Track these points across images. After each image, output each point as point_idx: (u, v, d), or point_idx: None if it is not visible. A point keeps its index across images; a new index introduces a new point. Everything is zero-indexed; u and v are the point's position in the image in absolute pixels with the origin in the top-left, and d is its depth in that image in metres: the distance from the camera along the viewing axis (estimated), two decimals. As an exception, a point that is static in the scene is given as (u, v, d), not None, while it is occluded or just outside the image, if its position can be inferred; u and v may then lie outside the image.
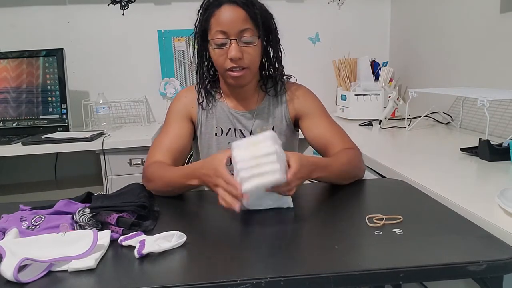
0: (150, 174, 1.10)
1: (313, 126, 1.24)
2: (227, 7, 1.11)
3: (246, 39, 1.12)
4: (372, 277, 0.67)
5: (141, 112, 2.39)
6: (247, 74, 1.16)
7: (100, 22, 2.37)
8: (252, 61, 1.14)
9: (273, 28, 1.20)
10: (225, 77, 1.19)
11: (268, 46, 1.22)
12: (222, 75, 1.19)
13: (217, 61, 1.15)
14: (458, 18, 1.88)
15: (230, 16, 1.10)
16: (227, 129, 1.26)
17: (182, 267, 0.72)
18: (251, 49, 1.13)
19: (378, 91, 2.16)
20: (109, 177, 1.92)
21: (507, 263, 0.67)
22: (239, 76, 1.14)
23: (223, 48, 1.12)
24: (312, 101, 1.28)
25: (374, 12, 2.56)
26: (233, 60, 1.11)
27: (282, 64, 1.24)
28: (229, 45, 1.11)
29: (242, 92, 1.24)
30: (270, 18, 1.19)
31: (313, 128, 1.24)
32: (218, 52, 1.13)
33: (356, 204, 1.00)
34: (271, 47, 1.22)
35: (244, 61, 1.13)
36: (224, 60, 1.13)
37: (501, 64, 1.62)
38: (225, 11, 1.10)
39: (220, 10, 1.11)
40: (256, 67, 1.19)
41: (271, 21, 1.19)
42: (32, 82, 2.11)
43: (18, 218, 0.85)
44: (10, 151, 1.83)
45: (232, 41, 1.10)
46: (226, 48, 1.12)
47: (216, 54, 1.14)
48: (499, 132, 1.62)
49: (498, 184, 1.03)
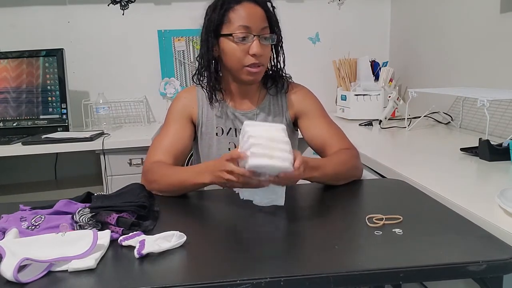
0: (152, 174, 1.10)
1: (312, 126, 1.25)
2: (249, 3, 1.12)
3: (267, 37, 1.14)
4: (372, 277, 0.67)
5: (141, 112, 2.39)
6: (262, 71, 1.18)
7: (100, 22, 2.37)
8: (267, 59, 1.18)
9: (280, 29, 1.21)
10: (240, 74, 1.17)
11: (277, 46, 1.23)
12: (237, 71, 1.16)
13: (234, 56, 1.14)
14: (458, 18, 1.88)
15: (254, 11, 1.12)
16: (227, 129, 1.26)
17: (182, 267, 0.72)
18: (267, 48, 1.16)
19: (378, 91, 2.16)
20: (109, 177, 1.92)
21: (507, 263, 0.67)
22: (256, 73, 1.16)
23: (245, 44, 1.12)
24: (311, 101, 1.28)
25: (374, 12, 2.56)
26: (255, 56, 1.12)
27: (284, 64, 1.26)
28: (251, 40, 1.12)
29: (247, 90, 1.24)
30: (278, 21, 1.20)
31: (312, 128, 1.24)
32: (239, 47, 1.12)
33: (356, 204, 1.00)
34: (277, 47, 1.23)
35: (263, 58, 1.14)
36: (244, 55, 1.13)
37: (501, 64, 1.62)
38: (248, 7, 1.12)
39: (241, 5, 1.12)
40: (267, 65, 1.21)
41: (278, 24, 1.21)
42: (32, 82, 2.11)
43: (18, 218, 0.85)
44: (10, 151, 1.83)
45: (255, 37, 1.12)
46: (247, 43, 1.12)
47: (235, 49, 1.13)
48: (499, 132, 1.62)
49: (498, 184, 1.03)
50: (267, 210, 0.95)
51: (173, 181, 1.06)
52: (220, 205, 1.05)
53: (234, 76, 1.20)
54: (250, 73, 1.15)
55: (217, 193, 1.13)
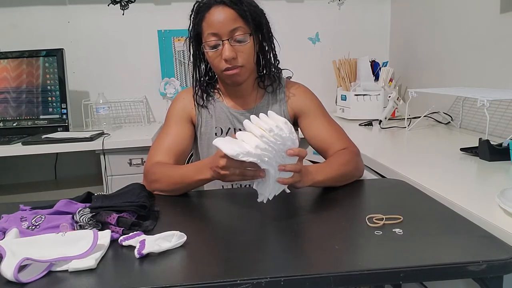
0: (154, 174, 1.10)
1: (312, 125, 1.24)
2: (216, 8, 1.11)
3: (238, 38, 1.12)
4: (372, 277, 0.67)
5: (141, 112, 2.39)
6: (243, 72, 1.16)
7: (100, 22, 2.37)
8: (246, 59, 1.15)
9: (265, 23, 1.19)
10: (222, 78, 1.20)
11: (263, 42, 1.21)
12: (220, 76, 1.21)
13: (212, 63, 1.17)
14: (458, 18, 1.88)
15: (219, 17, 1.11)
16: (226, 128, 1.26)
17: (182, 267, 0.72)
18: (244, 47, 1.14)
19: (378, 91, 2.16)
20: (109, 177, 1.93)
21: (507, 263, 0.67)
22: (234, 74, 1.15)
23: (217, 50, 1.13)
24: (311, 100, 1.28)
25: (374, 12, 2.56)
26: (227, 61, 1.12)
27: (277, 59, 1.25)
28: (222, 46, 1.12)
29: (240, 90, 1.24)
30: (261, 14, 1.18)
31: (312, 127, 1.24)
32: (212, 55, 1.14)
33: (356, 204, 1.00)
34: (265, 42, 1.22)
35: (238, 60, 1.13)
36: (219, 61, 1.14)
37: (501, 64, 1.62)
38: (215, 12, 1.11)
39: (209, 12, 1.12)
40: (251, 64, 1.19)
41: (263, 17, 1.19)
42: (32, 82, 2.11)
43: (18, 218, 0.85)
44: (10, 151, 1.83)
45: (224, 42, 1.11)
46: (219, 49, 1.12)
47: (210, 57, 1.15)
48: (499, 132, 1.62)
49: (498, 184, 1.03)
50: (267, 210, 0.95)
51: (174, 179, 1.07)
52: (220, 205, 1.06)
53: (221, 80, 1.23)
54: (229, 76, 1.15)
55: (217, 193, 1.13)
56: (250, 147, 0.85)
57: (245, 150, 0.84)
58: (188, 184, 1.06)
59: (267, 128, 0.86)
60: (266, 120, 0.89)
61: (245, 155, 0.84)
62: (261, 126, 0.87)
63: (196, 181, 1.04)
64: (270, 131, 0.86)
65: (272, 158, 0.87)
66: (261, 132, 0.86)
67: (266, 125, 0.86)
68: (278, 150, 0.87)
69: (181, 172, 1.07)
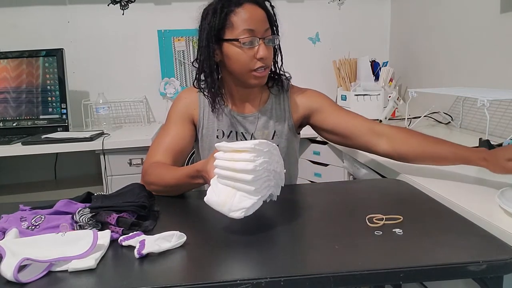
0: (150, 174, 1.10)
1: (329, 117, 1.22)
2: (250, 6, 1.09)
3: (271, 39, 1.12)
4: (372, 277, 0.67)
5: (141, 112, 2.39)
6: (267, 74, 1.16)
7: (100, 22, 2.37)
8: (271, 61, 1.16)
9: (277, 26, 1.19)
10: (246, 78, 1.14)
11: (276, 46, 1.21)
12: (243, 75, 1.13)
13: (240, 61, 1.10)
14: (458, 18, 1.88)
15: (256, 14, 1.09)
16: (228, 132, 1.25)
17: (182, 267, 0.72)
18: (272, 49, 1.14)
19: (378, 91, 2.16)
20: (109, 177, 1.92)
21: (507, 263, 0.67)
22: (263, 76, 1.14)
23: (251, 48, 1.09)
24: (319, 97, 1.26)
25: (374, 12, 2.56)
26: (263, 60, 1.10)
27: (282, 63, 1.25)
28: (257, 44, 1.09)
29: (249, 94, 1.23)
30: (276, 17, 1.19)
31: (330, 118, 1.22)
32: (244, 52, 1.09)
33: (356, 204, 1.00)
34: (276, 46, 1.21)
35: (268, 61, 1.13)
36: (250, 60, 1.10)
37: (501, 64, 1.62)
38: (250, 9, 1.09)
39: (243, 8, 1.08)
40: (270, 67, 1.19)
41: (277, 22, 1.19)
42: (32, 82, 2.11)
43: (18, 218, 0.85)
44: (10, 151, 1.83)
45: (261, 40, 1.10)
46: (253, 47, 1.09)
47: (241, 53, 1.09)
48: (499, 132, 1.62)
49: (498, 184, 1.02)
50: (267, 209, 0.95)
51: (169, 182, 1.06)
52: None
53: (239, 80, 1.17)
54: (257, 77, 1.13)
55: (217, 193, 1.13)
56: (248, 191, 0.80)
57: (248, 204, 0.80)
58: (182, 186, 1.05)
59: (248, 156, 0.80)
60: (238, 144, 0.83)
61: (250, 208, 0.81)
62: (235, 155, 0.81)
63: (191, 184, 1.03)
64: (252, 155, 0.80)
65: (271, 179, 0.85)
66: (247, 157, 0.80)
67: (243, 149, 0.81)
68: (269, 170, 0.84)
69: (176, 175, 1.05)
